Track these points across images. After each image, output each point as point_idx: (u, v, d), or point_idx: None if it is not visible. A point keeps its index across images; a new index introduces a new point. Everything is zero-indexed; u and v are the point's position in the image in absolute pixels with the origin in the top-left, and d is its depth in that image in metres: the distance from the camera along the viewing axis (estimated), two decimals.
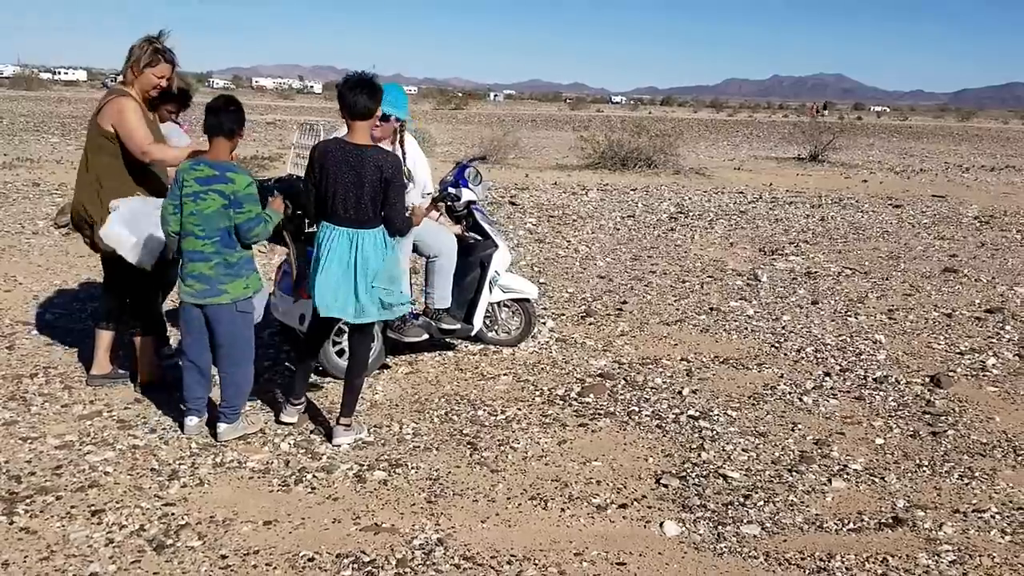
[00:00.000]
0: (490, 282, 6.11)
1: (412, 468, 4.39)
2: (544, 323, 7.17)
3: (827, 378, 6.08)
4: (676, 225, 12.96)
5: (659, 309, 7.92)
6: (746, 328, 7.35)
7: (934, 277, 9.73)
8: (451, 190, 6.01)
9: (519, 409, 5.30)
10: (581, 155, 22.44)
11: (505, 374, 5.93)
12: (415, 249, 5.76)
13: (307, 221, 4.77)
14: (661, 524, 3.92)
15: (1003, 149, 39.67)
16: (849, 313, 7.95)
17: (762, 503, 4.17)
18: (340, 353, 5.52)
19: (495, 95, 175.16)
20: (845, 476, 4.51)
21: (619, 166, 21.04)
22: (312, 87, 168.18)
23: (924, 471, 4.62)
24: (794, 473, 4.52)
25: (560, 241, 11.28)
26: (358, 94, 4.26)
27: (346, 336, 5.22)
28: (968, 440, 5.07)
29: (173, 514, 3.83)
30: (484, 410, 5.25)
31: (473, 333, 6.17)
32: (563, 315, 7.56)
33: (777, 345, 6.86)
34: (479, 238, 6.16)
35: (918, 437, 5.09)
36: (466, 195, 6.04)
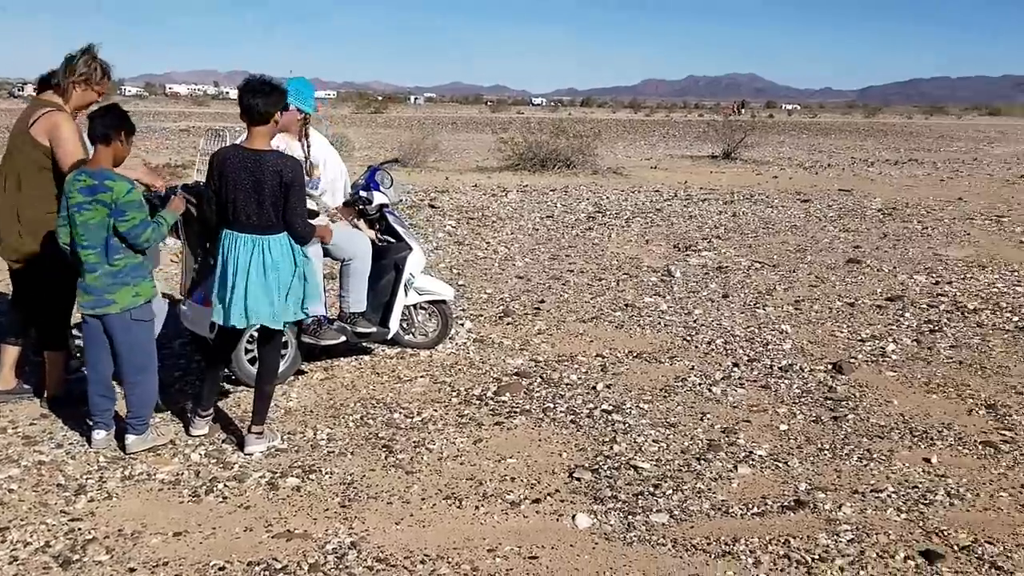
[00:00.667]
0: (405, 284, 6.12)
1: (326, 473, 4.38)
2: (462, 324, 7.22)
3: (735, 368, 6.27)
4: (594, 224, 13.14)
5: (576, 307, 8.03)
6: (659, 323, 7.51)
7: (839, 268, 10.10)
8: (363, 194, 6.00)
9: (435, 410, 5.33)
10: (501, 157, 22.57)
11: (422, 376, 5.96)
12: (327, 253, 5.73)
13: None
14: (573, 517, 4.00)
15: (906, 143, 41.30)
16: (758, 305, 8.20)
17: (671, 492, 4.28)
18: (253, 361, 5.45)
19: (416, 98, 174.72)
20: (750, 462, 4.66)
21: (538, 167, 21.22)
22: (228, 93, 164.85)
23: (825, 455, 4.81)
24: (702, 461, 4.65)
25: (479, 242, 11.33)
26: (255, 98, 4.23)
27: None
28: (867, 423, 5.29)
29: (80, 529, 3.76)
30: (400, 413, 5.27)
31: (389, 336, 6.17)
32: (481, 316, 7.61)
33: (689, 338, 7.04)
34: (393, 241, 6.17)
35: (820, 422, 5.29)
36: (378, 198, 6.04)
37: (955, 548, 3.79)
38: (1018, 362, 6.54)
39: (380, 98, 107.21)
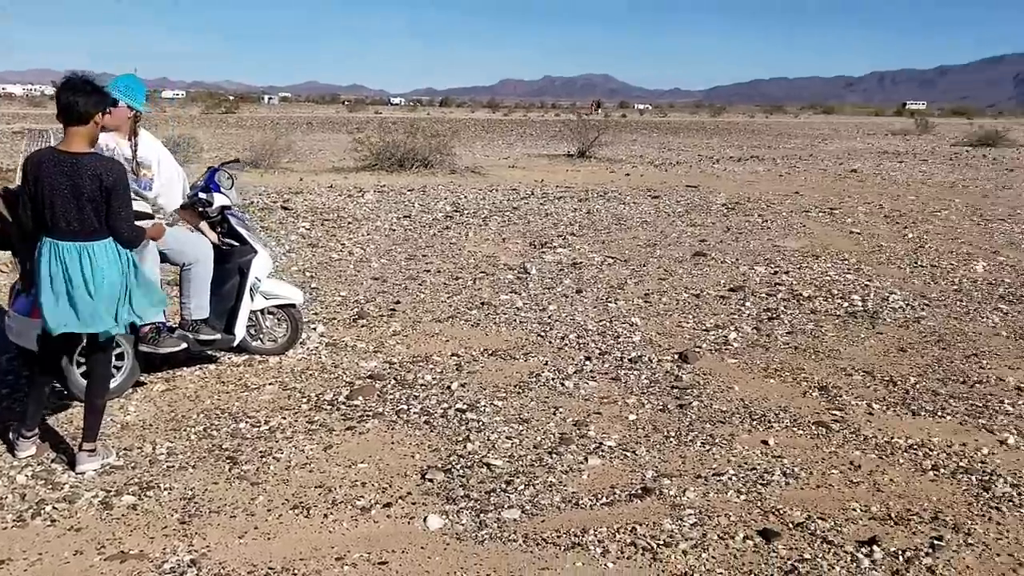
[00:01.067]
0: (251, 289, 5.91)
1: (165, 489, 4.17)
2: (314, 328, 7.04)
3: (587, 362, 6.39)
4: (451, 223, 13.13)
5: (432, 307, 7.99)
6: (515, 320, 7.57)
7: (686, 261, 10.47)
8: (202, 195, 5.76)
9: (284, 418, 5.17)
10: (357, 157, 22.22)
11: (271, 383, 5.77)
12: (166, 258, 5.47)
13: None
14: (425, 519, 3.96)
15: (749, 141, 43.35)
16: (610, 299, 8.39)
17: (523, 487, 4.31)
18: (86, 374, 5.14)
19: (270, 98, 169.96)
20: (600, 453, 4.76)
21: (396, 167, 21.02)
22: None
23: (671, 442, 4.96)
24: (554, 455, 4.71)
25: (334, 244, 11.12)
26: (75, 96, 3.97)
27: None
28: (711, 410, 5.49)
29: None
30: (246, 422, 5.08)
31: (235, 343, 5.95)
32: (334, 319, 7.46)
33: (543, 334, 7.12)
34: (236, 244, 5.95)
35: (667, 411, 5.45)
36: (219, 200, 5.81)
37: (790, 525, 3.98)
38: (848, 345, 6.96)
39: (232, 98, 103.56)
